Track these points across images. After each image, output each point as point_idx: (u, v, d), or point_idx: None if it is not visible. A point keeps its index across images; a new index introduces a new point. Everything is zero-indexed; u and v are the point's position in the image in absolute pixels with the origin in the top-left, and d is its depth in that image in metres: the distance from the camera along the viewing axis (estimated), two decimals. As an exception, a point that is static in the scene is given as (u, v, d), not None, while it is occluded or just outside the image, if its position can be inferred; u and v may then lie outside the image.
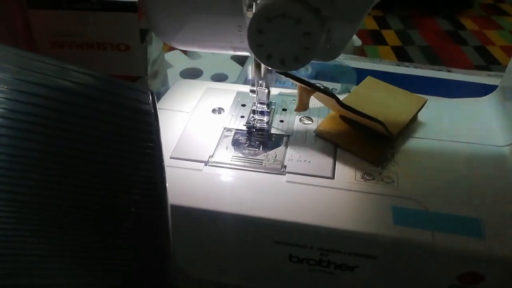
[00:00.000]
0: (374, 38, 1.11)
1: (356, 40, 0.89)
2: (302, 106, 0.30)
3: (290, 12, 0.19)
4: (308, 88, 0.29)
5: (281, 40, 0.20)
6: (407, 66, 0.62)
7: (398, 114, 0.31)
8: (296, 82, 0.29)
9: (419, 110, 0.32)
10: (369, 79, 0.35)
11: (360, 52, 0.90)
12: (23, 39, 0.59)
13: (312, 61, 0.23)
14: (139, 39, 0.40)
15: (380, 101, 0.32)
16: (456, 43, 1.12)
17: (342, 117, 0.31)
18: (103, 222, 0.22)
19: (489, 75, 0.59)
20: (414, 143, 0.31)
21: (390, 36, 1.13)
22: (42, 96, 0.20)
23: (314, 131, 0.31)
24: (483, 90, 0.38)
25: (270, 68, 0.25)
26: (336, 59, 0.25)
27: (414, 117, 0.32)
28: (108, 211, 0.22)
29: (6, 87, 0.19)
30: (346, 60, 0.63)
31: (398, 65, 0.62)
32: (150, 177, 0.24)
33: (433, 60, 1.04)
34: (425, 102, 0.32)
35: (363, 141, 0.30)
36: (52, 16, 0.40)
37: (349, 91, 0.35)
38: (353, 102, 0.31)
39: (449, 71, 0.61)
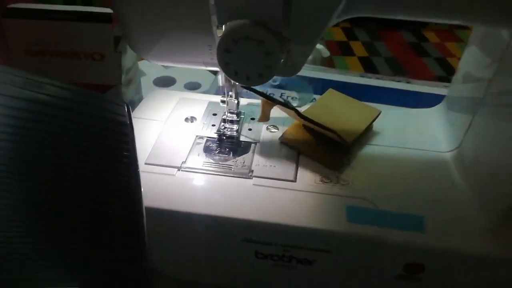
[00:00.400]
0: (342, 49, 1.16)
1: (325, 52, 0.93)
2: (264, 117, 0.33)
3: (253, 35, 0.22)
4: (269, 101, 0.32)
5: (246, 59, 0.23)
6: (369, 77, 0.66)
7: (354, 124, 0.34)
8: (258, 96, 0.32)
9: (373, 121, 0.35)
10: (330, 91, 0.38)
11: (328, 63, 0.95)
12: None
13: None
14: (113, 49, 0.42)
15: (338, 112, 0.36)
16: (419, 55, 1.20)
17: (304, 126, 0.35)
18: (82, 226, 0.24)
19: (445, 86, 0.64)
20: (369, 149, 0.34)
21: (357, 47, 1.19)
22: (20, 109, 0.22)
23: (279, 139, 0.34)
24: (438, 100, 0.42)
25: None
26: (301, 71, 0.28)
27: (369, 127, 0.35)
28: (88, 215, 0.24)
29: None
30: (313, 71, 0.66)
31: (362, 76, 0.66)
32: (126, 183, 0.26)
33: (398, 70, 1.10)
34: (379, 114, 0.36)
35: (323, 149, 0.33)
36: (27, 25, 0.41)
37: (310, 102, 0.38)
38: (314, 113, 0.34)
39: (408, 82, 0.65)
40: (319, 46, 0.93)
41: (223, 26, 0.23)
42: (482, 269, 0.27)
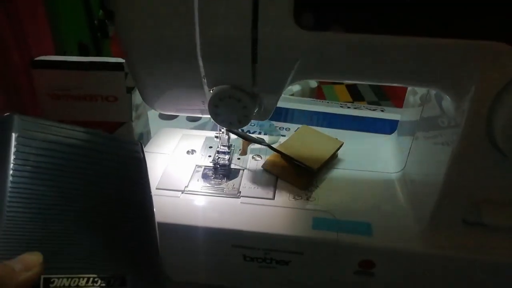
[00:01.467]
0: (330, 78, 1.28)
1: (312, 83, 1.03)
2: (244, 152, 0.43)
3: (233, 95, 0.31)
4: (247, 140, 0.41)
5: (229, 111, 0.32)
6: (348, 107, 0.75)
7: (320, 154, 0.43)
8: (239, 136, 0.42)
9: (337, 150, 0.44)
10: (304, 127, 0.47)
11: (316, 92, 1.04)
12: (26, 92, 0.69)
13: (252, 120, 0.35)
14: (125, 92, 0.49)
15: (309, 144, 0.44)
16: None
17: (281, 156, 0.43)
18: (111, 235, 0.32)
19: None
20: (332, 172, 0.43)
21: (344, 75, 1.30)
22: (59, 151, 0.31)
23: (262, 166, 0.43)
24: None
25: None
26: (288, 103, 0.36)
27: (334, 155, 0.44)
28: (114, 225, 0.32)
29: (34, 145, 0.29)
30: (299, 103, 0.76)
31: (341, 106, 0.75)
32: (142, 202, 0.34)
33: (381, 96, 1.20)
34: (342, 145, 0.44)
35: (295, 173, 0.41)
36: (51, 75, 0.48)
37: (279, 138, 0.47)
38: (289, 145, 0.43)
39: (382, 111, 0.74)
40: (307, 77, 1.03)
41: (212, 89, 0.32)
42: (416, 263, 0.35)
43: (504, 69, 0.26)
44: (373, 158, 0.45)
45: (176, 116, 0.68)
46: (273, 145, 0.43)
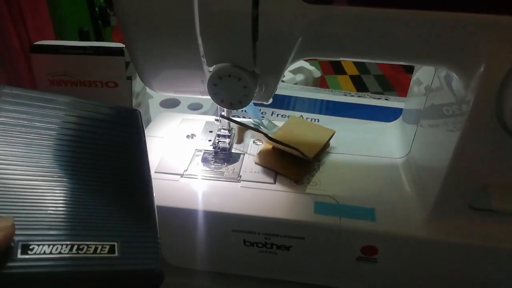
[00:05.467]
0: (334, 68, 1.25)
1: (316, 72, 1.02)
2: (240, 140, 0.41)
3: (234, 73, 0.30)
4: (243, 127, 0.40)
5: (229, 91, 0.31)
6: (352, 96, 0.74)
7: (313, 142, 0.41)
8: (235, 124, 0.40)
9: (329, 139, 0.42)
10: (293, 117, 0.46)
11: (319, 82, 1.03)
12: (25, 77, 0.68)
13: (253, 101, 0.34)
14: (125, 77, 0.48)
15: (300, 134, 0.43)
16: (407, 72, 1.27)
17: (273, 148, 0.42)
18: (103, 203, 0.30)
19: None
20: (335, 157, 0.42)
21: (348, 66, 1.27)
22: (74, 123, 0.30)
23: (254, 162, 0.40)
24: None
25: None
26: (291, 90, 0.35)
27: (327, 144, 0.42)
28: (107, 192, 0.30)
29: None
30: (302, 91, 0.75)
31: (345, 95, 0.74)
32: (140, 172, 0.32)
33: (386, 87, 1.18)
34: (334, 133, 0.43)
35: (290, 165, 0.39)
36: (51, 59, 0.47)
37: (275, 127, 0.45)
38: (280, 135, 0.42)
39: (386, 99, 0.73)
40: (310, 67, 1.02)
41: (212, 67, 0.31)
42: (421, 250, 0.35)
43: (515, 46, 0.25)
44: (377, 144, 0.44)
45: (177, 104, 0.67)
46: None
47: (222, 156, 0.42)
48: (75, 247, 0.24)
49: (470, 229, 0.33)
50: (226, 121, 0.41)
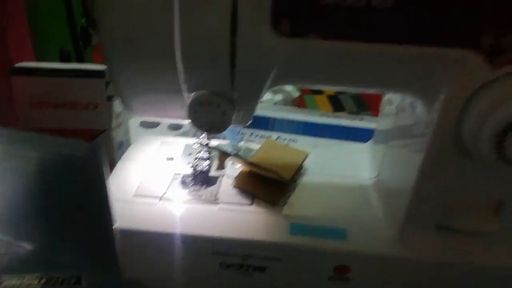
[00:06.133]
0: (312, 88, 1.29)
1: (294, 92, 1.04)
2: (221, 166, 0.43)
3: (212, 100, 0.31)
4: (223, 154, 0.41)
5: (208, 116, 0.32)
6: (328, 116, 0.77)
7: (288, 165, 0.43)
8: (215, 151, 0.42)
9: (303, 161, 0.44)
10: (268, 141, 0.47)
11: (298, 102, 1.05)
12: (5, 100, 0.68)
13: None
14: (105, 99, 0.49)
15: (276, 156, 0.44)
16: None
17: (251, 171, 0.43)
18: (65, 236, 0.31)
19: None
20: (309, 179, 0.43)
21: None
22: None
23: (233, 185, 0.41)
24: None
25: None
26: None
27: (301, 165, 0.44)
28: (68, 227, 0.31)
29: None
30: (279, 112, 0.77)
31: (321, 115, 0.77)
32: (98, 205, 0.33)
33: (362, 107, 1.22)
34: (307, 155, 0.45)
35: (267, 187, 0.41)
36: (31, 82, 0.47)
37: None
38: (257, 159, 0.43)
39: (361, 120, 0.76)
40: (289, 87, 1.04)
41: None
42: (390, 267, 0.36)
43: (471, 76, 0.28)
44: (349, 165, 0.46)
45: (157, 125, 0.68)
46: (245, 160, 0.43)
47: (201, 178, 0.43)
48: (44, 278, 0.25)
49: (435, 247, 0.35)
50: (205, 143, 0.43)
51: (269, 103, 1.01)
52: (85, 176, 0.32)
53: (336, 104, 1.21)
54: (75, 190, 0.32)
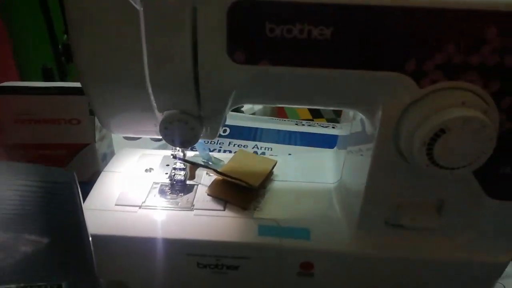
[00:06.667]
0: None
1: (272, 101, 1.09)
2: (192, 177, 0.46)
3: (181, 119, 0.35)
4: (194, 165, 0.45)
5: (178, 132, 0.36)
6: (303, 125, 0.81)
7: (258, 172, 0.47)
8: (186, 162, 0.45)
9: (272, 168, 0.48)
10: (240, 151, 0.51)
11: (277, 111, 1.10)
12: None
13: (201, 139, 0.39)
14: (88, 114, 0.51)
15: (247, 165, 0.48)
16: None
17: (223, 179, 0.46)
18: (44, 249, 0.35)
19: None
20: (278, 184, 0.47)
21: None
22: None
23: (206, 193, 0.45)
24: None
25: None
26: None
27: (270, 172, 0.48)
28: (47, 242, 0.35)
29: None
30: (257, 122, 0.81)
31: (296, 124, 0.81)
32: (74, 220, 0.37)
33: (339, 114, 1.27)
34: (276, 163, 0.49)
35: (238, 194, 0.45)
36: (15, 100, 0.50)
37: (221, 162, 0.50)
38: (229, 167, 0.47)
39: (333, 127, 0.81)
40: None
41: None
42: (349, 263, 0.40)
43: (402, 95, 0.32)
44: (315, 171, 0.50)
45: (140, 137, 0.71)
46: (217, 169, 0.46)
47: (178, 187, 0.46)
48: None
49: (386, 243, 0.39)
50: (181, 154, 0.46)
51: (248, 112, 1.05)
52: (63, 196, 0.36)
53: (315, 112, 1.25)
54: (53, 208, 0.36)
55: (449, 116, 0.29)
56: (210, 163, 0.47)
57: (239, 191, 0.45)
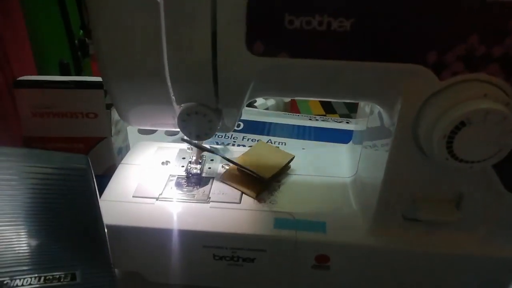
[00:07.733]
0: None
1: (285, 98, 1.09)
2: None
3: (199, 111, 0.36)
4: (200, 149, 0.46)
5: (196, 125, 0.36)
6: (316, 120, 0.81)
7: (272, 165, 0.47)
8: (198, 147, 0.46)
9: (289, 162, 0.48)
10: (260, 142, 0.52)
11: (290, 106, 1.10)
12: (10, 111, 0.72)
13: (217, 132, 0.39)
14: (105, 109, 0.52)
15: (263, 157, 0.48)
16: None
17: (238, 170, 0.47)
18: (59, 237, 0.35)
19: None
20: (294, 178, 0.48)
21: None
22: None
23: (219, 179, 0.46)
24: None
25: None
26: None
27: (286, 166, 0.48)
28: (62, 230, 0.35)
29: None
30: (271, 117, 0.81)
31: (310, 119, 0.81)
32: (89, 207, 0.36)
33: (352, 109, 1.26)
34: (293, 158, 0.49)
35: (249, 184, 0.45)
36: (33, 93, 0.50)
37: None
38: (246, 158, 0.47)
39: (347, 123, 0.80)
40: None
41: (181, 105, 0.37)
42: (364, 256, 0.40)
43: (422, 87, 0.32)
44: (331, 165, 0.50)
45: (155, 131, 0.72)
46: (232, 159, 0.47)
47: (194, 180, 0.47)
48: (42, 278, 0.29)
49: (403, 237, 0.39)
50: (197, 149, 0.47)
51: (262, 107, 1.06)
52: (78, 183, 0.36)
53: (328, 107, 1.25)
54: (70, 197, 0.36)
55: (471, 108, 0.29)
56: (225, 153, 0.48)
57: (251, 181, 0.45)
